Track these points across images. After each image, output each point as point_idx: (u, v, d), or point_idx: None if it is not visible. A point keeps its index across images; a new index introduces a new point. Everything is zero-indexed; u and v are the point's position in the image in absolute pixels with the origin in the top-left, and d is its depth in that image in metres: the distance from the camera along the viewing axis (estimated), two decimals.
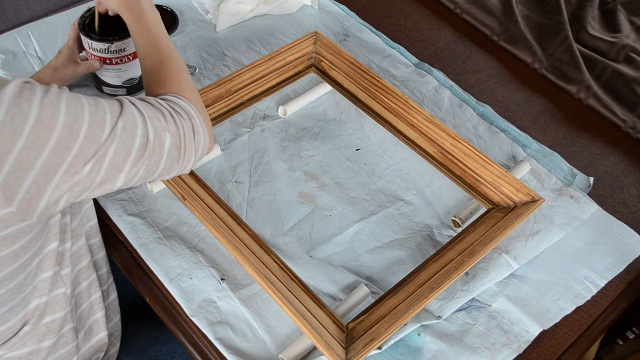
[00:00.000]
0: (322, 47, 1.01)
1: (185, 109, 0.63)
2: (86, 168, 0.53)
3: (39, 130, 0.49)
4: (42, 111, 0.49)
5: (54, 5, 1.14)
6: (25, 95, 0.49)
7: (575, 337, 0.77)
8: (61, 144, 0.50)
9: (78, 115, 0.51)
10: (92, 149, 0.53)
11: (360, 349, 0.68)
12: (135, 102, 0.59)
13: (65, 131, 0.50)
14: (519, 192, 0.84)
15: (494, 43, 1.16)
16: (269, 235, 0.83)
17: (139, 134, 0.56)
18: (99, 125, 0.53)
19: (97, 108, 0.54)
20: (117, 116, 0.55)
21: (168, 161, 0.61)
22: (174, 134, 0.60)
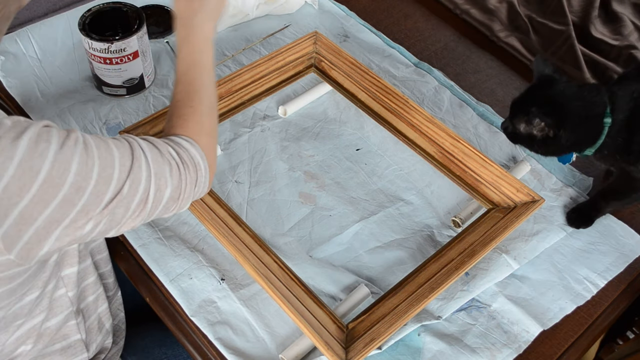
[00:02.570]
0: (322, 47, 1.01)
1: (194, 159, 0.63)
2: (88, 226, 0.53)
3: (47, 188, 0.49)
4: (53, 168, 0.49)
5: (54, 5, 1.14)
6: (40, 149, 0.48)
7: (575, 337, 0.77)
8: (66, 201, 0.50)
9: (88, 173, 0.51)
10: (96, 205, 0.53)
11: (361, 349, 0.68)
12: (145, 150, 0.58)
13: (72, 189, 0.50)
14: (519, 192, 0.84)
15: (494, 43, 1.16)
16: (269, 235, 0.83)
17: (140, 190, 0.56)
18: (106, 182, 0.53)
19: (107, 163, 0.53)
20: (125, 174, 0.55)
21: (162, 211, 0.61)
22: (175, 188, 0.60)
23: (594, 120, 0.76)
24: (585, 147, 0.78)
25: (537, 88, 0.78)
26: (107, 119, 0.94)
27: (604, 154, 0.78)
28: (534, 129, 0.76)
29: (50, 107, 0.94)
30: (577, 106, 0.75)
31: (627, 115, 0.75)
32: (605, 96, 0.76)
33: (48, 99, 0.96)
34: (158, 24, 1.10)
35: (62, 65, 1.01)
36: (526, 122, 0.76)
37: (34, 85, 0.97)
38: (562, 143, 0.76)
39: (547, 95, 0.77)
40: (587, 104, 0.75)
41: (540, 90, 0.78)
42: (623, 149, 0.76)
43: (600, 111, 0.75)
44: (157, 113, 0.87)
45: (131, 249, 0.81)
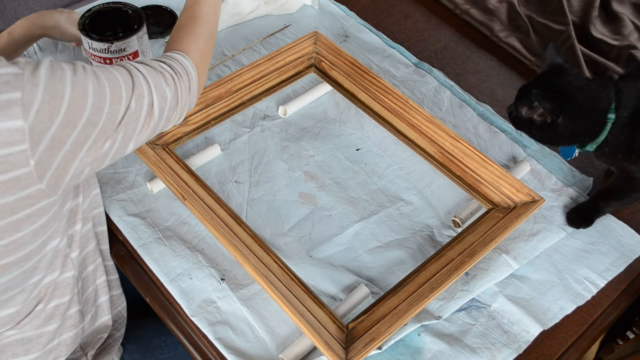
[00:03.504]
0: (322, 47, 1.01)
1: (186, 68, 0.66)
2: (106, 144, 0.56)
3: (73, 109, 0.51)
4: (74, 91, 0.52)
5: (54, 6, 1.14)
6: (58, 75, 0.51)
7: (575, 337, 0.77)
8: (90, 122, 0.53)
9: (102, 93, 0.54)
10: (112, 124, 0.56)
11: (361, 349, 0.68)
12: (141, 69, 0.61)
13: (93, 109, 0.53)
14: (519, 192, 0.84)
15: (494, 43, 1.16)
16: (269, 235, 0.83)
17: (145, 104, 0.60)
18: (118, 101, 0.56)
19: (114, 83, 0.56)
20: (130, 90, 0.58)
21: (165, 121, 0.64)
22: (173, 95, 0.64)
23: (597, 115, 0.75)
24: (586, 141, 0.78)
25: (546, 76, 0.79)
26: None
27: (605, 151, 0.78)
28: (534, 114, 0.76)
29: None
30: (581, 97, 0.75)
31: (630, 113, 0.75)
32: (611, 92, 0.75)
33: None
34: (158, 24, 1.10)
35: None
36: (528, 106, 0.77)
37: None
38: (560, 132, 0.76)
39: (553, 82, 0.77)
40: (593, 97, 0.75)
41: (549, 78, 0.78)
42: (624, 148, 0.76)
43: (605, 106, 0.75)
44: None
45: (131, 249, 0.81)
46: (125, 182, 0.86)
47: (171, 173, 0.81)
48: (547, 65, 0.80)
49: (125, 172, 0.87)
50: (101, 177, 0.86)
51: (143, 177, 0.87)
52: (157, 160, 0.82)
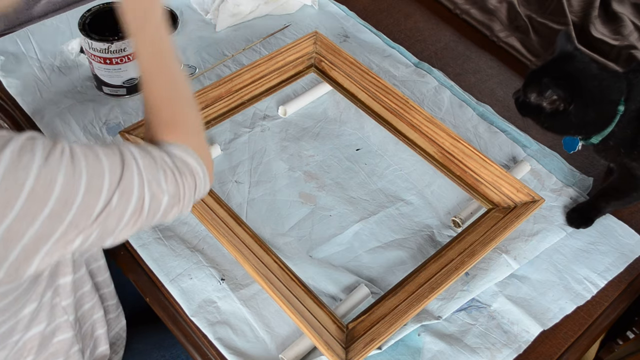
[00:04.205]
0: (322, 47, 1.01)
1: (190, 166, 0.60)
2: (78, 239, 0.50)
3: (32, 202, 0.46)
4: (38, 181, 0.46)
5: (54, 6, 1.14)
6: (24, 161, 0.46)
7: (575, 337, 0.77)
8: (54, 216, 0.48)
9: (74, 185, 0.49)
10: (86, 218, 0.50)
11: (361, 349, 0.68)
12: (137, 157, 0.55)
13: (59, 203, 0.48)
14: (519, 192, 0.84)
15: (494, 43, 1.16)
16: (269, 235, 0.83)
17: (134, 200, 0.53)
18: (95, 194, 0.50)
19: (96, 172, 0.51)
20: (116, 183, 0.52)
21: (162, 217, 0.58)
22: (173, 195, 0.58)
23: (607, 105, 0.75)
24: (593, 132, 0.77)
25: (556, 62, 0.78)
26: (107, 119, 0.94)
27: (609, 144, 0.77)
28: (545, 101, 0.75)
29: (50, 107, 0.94)
30: (593, 86, 0.74)
31: (638, 107, 0.74)
32: (624, 83, 0.74)
33: (48, 99, 0.96)
34: None
35: (62, 65, 1.01)
36: (538, 92, 0.76)
37: (34, 85, 0.97)
38: (570, 120, 0.75)
39: (564, 69, 0.76)
40: (605, 86, 0.74)
41: (559, 64, 0.77)
42: (629, 142, 0.75)
43: (616, 97, 0.74)
44: None
45: (131, 249, 0.81)
46: None
47: None
48: (557, 52, 0.78)
49: None
50: None
51: None
52: None
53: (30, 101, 0.95)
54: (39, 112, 0.94)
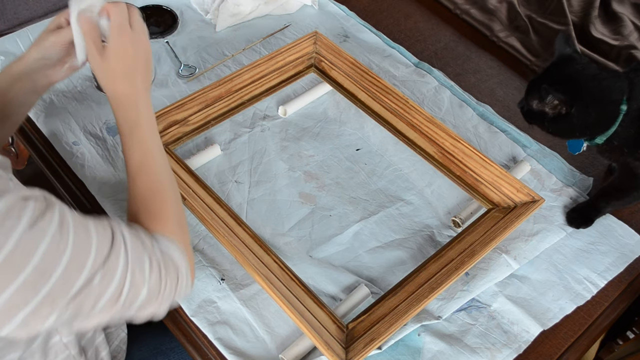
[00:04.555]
0: (322, 47, 1.01)
1: (176, 263, 0.59)
2: (52, 317, 0.48)
3: (7, 267, 0.44)
4: (17, 248, 0.44)
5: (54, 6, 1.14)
6: (7, 225, 0.44)
7: (575, 337, 0.78)
8: (28, 285, 0.45)
9: (57, 257, 0.47)
10: (64, 294, 0.48)
11: (361, 349, 0.68)
12: (127, 240, 0.54)
13: (36, 273, 0.45)
14: (519, 192, 0.84)
15: (494, 43, 1.16)
16: (269, 235, 0.83)
17: (114, 284, 0.51)
18: (77, 269, 0.48)
19: (82, 246, 0.49)
20: (100, 262, 0.50)
21: (136, 311, 0.56)
22: (153, 287, 0.56)
23: (610, 105, 0.75)
24: (597, 133, 0.77)
25: (555, 66, 0.78)
26: (107, 119, 0.94)
27: (613, 144, 0.78)
28: (547, 106, 0.76)
29: (50, 107, 0.94)
30: (593, 87, 0.74)
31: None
32: (625, 83, 0.74)
33: (48, 99, 0.96)
34: (158, 24, 1.10)
35: None
36: (539, 99, 0.76)
37: None
38: (573, 122, 0.75)
39: (563, 72, 0.76)
40: (605, 86, 0.74)
41: (558, 68, 0.77)
42: (632, 141, 0.76)
43: (618, 97, 0.74)
44: (156, 113, 0.87)
45: None
46: (125, 182, 0.86)
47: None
48: (556, 56, 0.79)
49: (125, 172, 0.87)
50: (101, 177, 0.86)
51: None
52: None
53: None
54: (39, 113, 0.94)
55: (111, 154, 0.89)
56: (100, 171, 0.87)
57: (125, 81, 0.64)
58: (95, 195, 0.84)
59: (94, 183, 0.85)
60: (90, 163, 0.88)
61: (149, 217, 0.62)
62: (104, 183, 0.86)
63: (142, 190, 0.63)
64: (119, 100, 0.65)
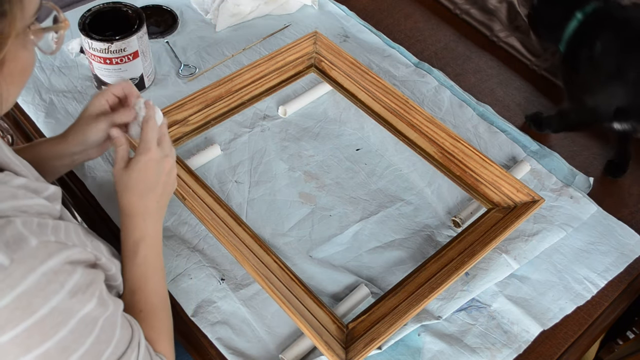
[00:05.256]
0: (322, 47, 1.01)
1: None
2: None
3: (35, 331, 0.44)
4: (51, 314, 0.44)
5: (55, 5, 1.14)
6: (49, 289, 0.44)
7: (575, 337, 0.77)
8: (48, 357, 0.46)
9: (83, 336, 0.47)
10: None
11: (361, 349, 0.68)
12: (141, 346, 0.56)
13: (58, 348, 0.46)
14: (519, 192, 0.84)
15: (494, 43, 1.16)
16: (269, 235, 0.83)
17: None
18: (96, 355, 0.49)
19: (107, 336, 0.50)
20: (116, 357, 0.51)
21: None
22: None
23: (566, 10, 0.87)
24: (558, 36, 0.89)
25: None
26: None
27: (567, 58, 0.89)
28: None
29: (50, 107, 0.94)
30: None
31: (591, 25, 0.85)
32: (592, 4, 0.86)
33: (48, 99, 0.96)
34: (158, 24, 1.10)
35: (62, 65, 1.01)
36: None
37: (34, 85, 0.97)
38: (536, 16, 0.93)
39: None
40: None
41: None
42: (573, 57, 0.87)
43: (577, 8, 0.86)
44: None
45: None
46: None
47: None
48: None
49: None
50: (101, 177, 0.86)
51: None
52: None
53: (30, 101, 0.95)
54: (39, 113, 0.94)
55: (111, 154, 0.89)
56: (100, 171, 0.87)
57: (140, 197, 0.65)
58: (95, 196, 0.85)
59: (94, 183, 0.85)
60: (90, 163, 0.88)
61: (153, 332, 0.63)
62: (104, 183, 0.86)
63: (143, 306, 0.64)
64: (129, 214, 0.65)
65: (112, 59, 0.90)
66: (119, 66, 0.92)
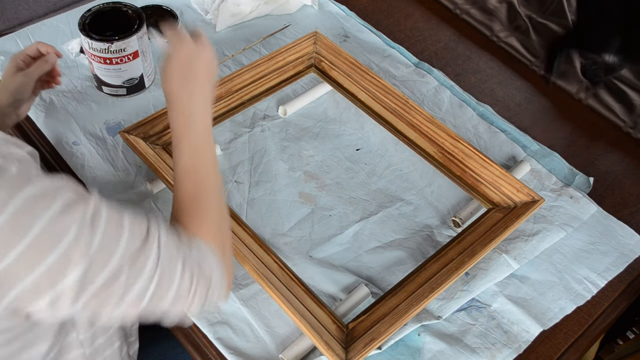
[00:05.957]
0: (322, 47, 1.01)
1: (209, 271, 0.57)
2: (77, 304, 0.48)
3: (34, 250, 0.45)
4: (44, 232, 0.45)
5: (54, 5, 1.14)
6: (37, 209, 0.45)
7: (575, 337, 0.77)
8: (54, 271, 0.46)
9: (84, 247, 0.47)
10: (87, 284, 0.48)
11: (360, 349, 0.68)
12: (162, 240, 0.53)
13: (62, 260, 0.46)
14: (519, 192, 0.84)
15: (494, 43, 1.16)
16: (269, 235, 0.83)
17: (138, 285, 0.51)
18: (102, 261, 0.48)
19: (111, 240, 0.49)
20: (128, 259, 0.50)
21: (160, 313, 0.55)
22: (181, 295, 0.55)
23: None
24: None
25: None
26: (107, 119, 0.94)
27: None
28: None
29: (50, 107, 0.94)
30: None
31: None
32: None
33: (48, 99, 0.96)
34: (158, 24, 1.10)
35: (62, 65, 1.01)
36: None
37: None
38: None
39: None
40: None
41: None
42: None
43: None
44: (157, 113, 0.87)
45: None
46: (125, 182, 0.86)
47: (171, 173, 0.81)
48: None
49: (125, 172, 0.87)
50: (101, 177, 0.86)
51: (143, 177, 0.87)
52: (157, 160, 0.82)
53: None
54: (39, 112, 0.94)
55: (111, 154, 0.89)
56: (100, 171, 0.87)
57: (180, 82, 0.66)
58: None
59: (94, 183, 0.85)
60: (90, 163, 0.88)
61: (192, 218, 0.61)
62: (104, 183, 0.86)
63: (186, 192, 0.63)
64: (173, 99, 0.66)
65: (112, 59, 0.90)
66: (119, 66, 0.92)
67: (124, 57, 0.91)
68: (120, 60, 0.91)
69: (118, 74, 0.93)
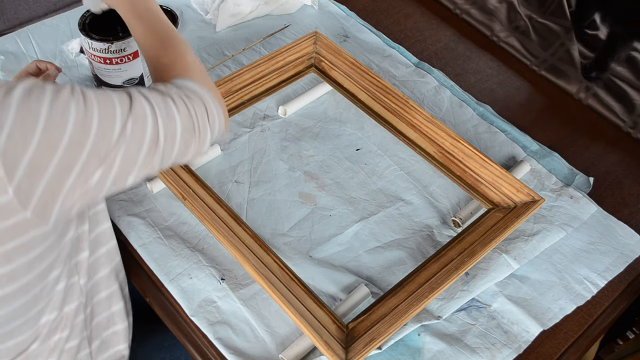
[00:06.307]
0: (322, 47, 1.01)
1: (195, 91, 0.61)
2: (98, 172, 0.51)
3: (52, 129, 0.47)
4: (52, 109, 0.47)
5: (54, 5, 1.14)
6: (34, 95, 0.47)
7: (575, 337, 0.77)
8: (74, 142, 0.48)
9: (88, 111, 0.49)
10: (104, 147, 0.50)
11: (360, 349, 0.68)
12: (143, 90, 0.57)
13: (77, 128, 0.48)
14: (519, 192, 0.84)
15: (494, 43, 1.16)
16: (269, 235, 0.83)
17: (149, 128, 0.54)
18: (110, 119, 0.51)
19: (107, 102, 0.52)
20: (127, 109, 0.53)
21: (181, 146, 0.58)
22: (185, 117, 0.58)
23: None
24: None
25: None
26: None
27: None
28: None
29: None
30: None
31: None
32: None
33: None
34: None
35: (62, 65, 1.01)
36: None
37: None
38: None
39: None
40: None
41: None
42: None
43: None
44: None
45: (131, 248, 0.81)
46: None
47: (171, 173, 0.81)
48: None
49: None
50: None
51: None
52: None
53: None
54: None
55: None
56: None
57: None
58: None
59: None
60: None
61: (164, 71, 0.65)
62: None
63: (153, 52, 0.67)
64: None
65: (112, 59, 0.90)
66: (119, 66, 0.92)
67: (124, 57, 0.91)
68: (120, 60, 0.91)
69: (118, 74, 0.93)
